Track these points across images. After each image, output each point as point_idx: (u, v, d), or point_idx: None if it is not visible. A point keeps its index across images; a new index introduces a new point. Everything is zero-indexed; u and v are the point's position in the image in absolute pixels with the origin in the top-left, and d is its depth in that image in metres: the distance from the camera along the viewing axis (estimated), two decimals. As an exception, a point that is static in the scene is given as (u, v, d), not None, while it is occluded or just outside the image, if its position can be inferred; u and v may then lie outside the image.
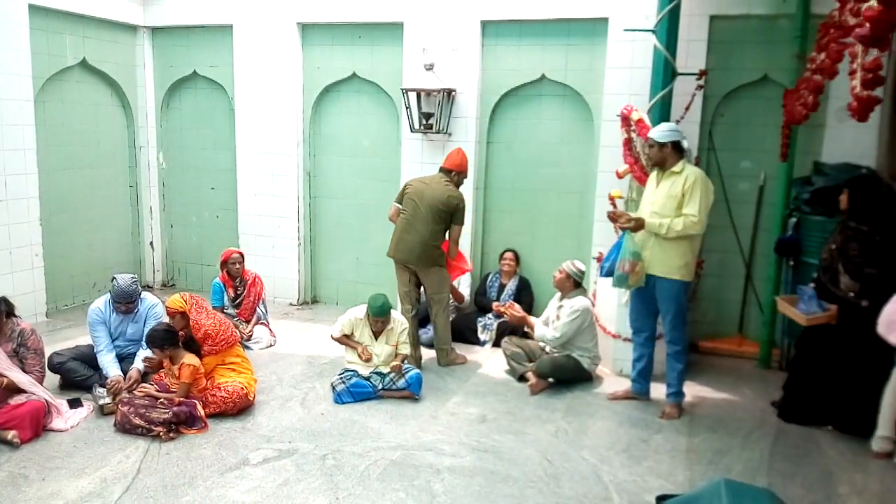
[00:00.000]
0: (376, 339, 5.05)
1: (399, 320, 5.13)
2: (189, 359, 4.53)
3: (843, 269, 4.41)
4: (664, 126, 4.72)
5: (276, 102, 7.22)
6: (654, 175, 4.83)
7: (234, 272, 6.21)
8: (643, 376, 5.06)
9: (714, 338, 6.25)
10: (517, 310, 5.62)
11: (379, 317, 4.93)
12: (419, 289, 5.69)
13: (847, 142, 5.52)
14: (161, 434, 4.22)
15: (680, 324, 4.76)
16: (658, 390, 5.02)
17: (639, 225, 4.64)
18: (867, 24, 2.71)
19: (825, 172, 5.31)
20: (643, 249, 4.71)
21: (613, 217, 4.74)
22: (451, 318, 5.86)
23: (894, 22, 2.69)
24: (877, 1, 2.66)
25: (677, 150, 4.65)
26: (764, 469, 4.09)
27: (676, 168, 4.64)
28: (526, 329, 5.73)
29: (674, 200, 4.59)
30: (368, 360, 4.99)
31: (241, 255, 6.31)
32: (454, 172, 5.50)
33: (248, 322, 6.20)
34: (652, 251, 4.69)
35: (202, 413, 4.42)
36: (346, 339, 5.07)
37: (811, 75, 4.45)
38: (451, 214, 5.38)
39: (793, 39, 5.43)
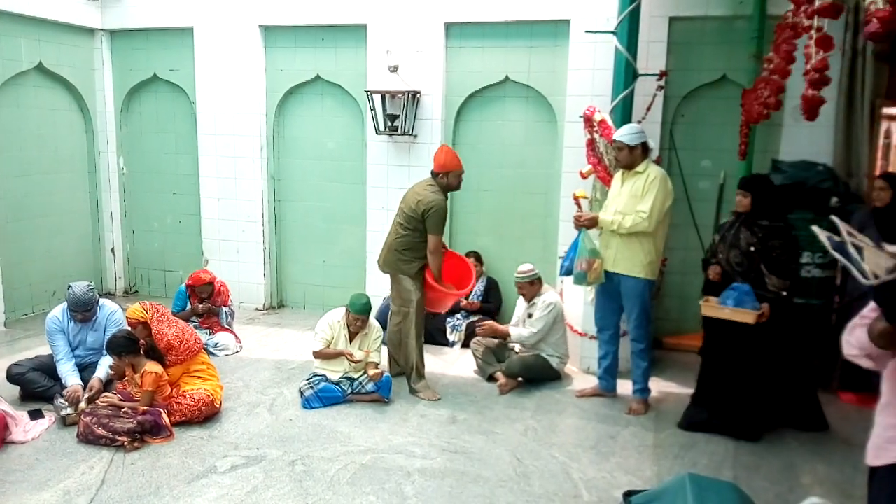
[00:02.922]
0: (351, 341, 5.03)
1: (375, 326, 5.11)
2: (151, 366, 4.45)
3: (768, 270, 4.27)
4: (631, 128, 4.75)
5: (238, 105, 7.14)
6: (618, 175, 4.89)
7: (201, 299, 6.10)
8: (609, 373, 5.11)
9: (678, 334, 6.33)
10: (487, 325, 5.55)
11: (360, 315, 4.90)
12: None
13: (804, 140, 5.64)
14: (125, 444, 4.14)
15: (644, 322, 4.82)
16: (625, 387, 5.09)
17: (593, 222, 4.73)
18: (876, 22, 2.81)
19: (783, 170, 5.42)
20: (607, 248, 4.78)
21: (577, 218, 4.83)
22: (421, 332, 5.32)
23: None
24: (889, 2, 2.78)
25: (644, 150, 4.72)
26: (729, 462, 4.16)
27: (640, 168, 4.70)
28: (499, 340, 5.61)
29: (636, 200, 4.66)
30: (358, 361, 4.94)
31: (211, 282, 6.12)
32: (440, 174, 5.00)
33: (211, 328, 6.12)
34: (617, 249, 4.75)
35: (167, 421, 4.35)
36: (328, 351, 4.99)
37: (769, 75, 4.55)
38: (421, 222, 4.94)
39: (750, 40, 5.54)
